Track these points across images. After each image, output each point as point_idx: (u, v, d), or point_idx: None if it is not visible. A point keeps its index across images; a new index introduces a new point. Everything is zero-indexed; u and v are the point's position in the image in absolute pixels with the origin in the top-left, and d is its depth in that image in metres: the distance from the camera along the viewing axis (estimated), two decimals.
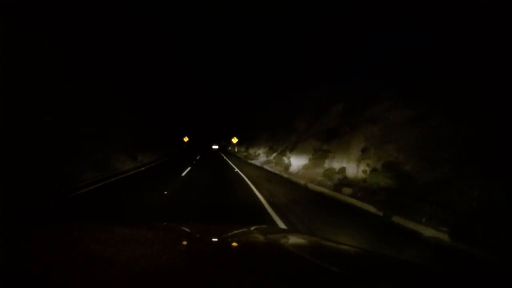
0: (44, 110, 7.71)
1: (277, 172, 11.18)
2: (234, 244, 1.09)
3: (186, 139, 38.52)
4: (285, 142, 14.96)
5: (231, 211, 4.40)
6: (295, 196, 5.89)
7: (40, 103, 7.69)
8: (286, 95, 17.34)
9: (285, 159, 12.75)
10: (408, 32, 7.69)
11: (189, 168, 11.13)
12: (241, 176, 9.19)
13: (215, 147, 60.74)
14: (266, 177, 9.35)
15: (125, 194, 5.79)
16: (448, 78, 5.82)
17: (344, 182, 7.28)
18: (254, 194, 5.89)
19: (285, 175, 10.07)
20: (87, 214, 3.94)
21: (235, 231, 1.29)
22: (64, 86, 9.16)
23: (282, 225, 3.51)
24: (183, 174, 9.13)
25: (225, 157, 21.65)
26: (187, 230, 1.31)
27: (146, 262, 0.72)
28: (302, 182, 8.41)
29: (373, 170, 6.51)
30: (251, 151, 25.67)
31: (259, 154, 21.46)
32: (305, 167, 10.33)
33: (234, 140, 33.46)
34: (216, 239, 1.13)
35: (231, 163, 15.56)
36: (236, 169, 11.62)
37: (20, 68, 7.26)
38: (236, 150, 34.91)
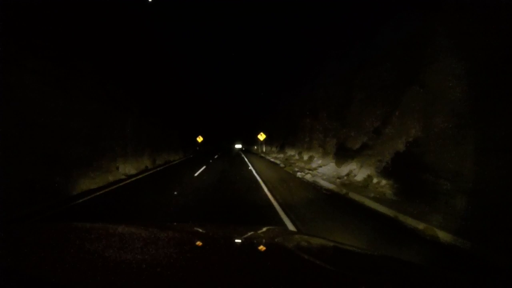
0: None
1: None
2: (239, 245, 1.09)
3: (200, 139, 30.40)
4: (402, 130, 5.53)
5: None
6: None
7: None
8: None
9: None
10: None
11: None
12: None
13: (237, 146, 56.27)
14: None
15: None
16: None
17: None
18: None
19: None
20: None
21: (242, 232, 1.29)
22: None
23: None
24: None
25: (250, 167, 12.54)
26: (194, 230, 1.33)
27: (147, 262, 0.72)
28: None
29: None
30: (291, 151, 16.44)
31: (311, 158, 12.09)
32: None
33: (261, 136, 24.43)
34: (222, 240, 1.13)
35: (270, 198, 6.27)
36: None
37: None
38: (264, 150, 25.93)
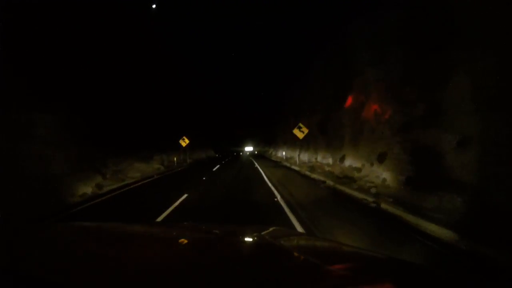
0: None
1: None
2: (241, 244, 1.07)
3: (184, 142, 17.58)
4: None
5: None
6: None
7: None
8: None
9: None
10: None
11: None
12: None
13: (248, 149, 51.65)
14: None
15: None
16: None
17: None
18: None
19: None
20: None
21: (245, 232, 1.25)
22: None
23: None
24: None
25: None
26: (198, 230, 1.29)
27: (147, 262, 0.71)
28: None
29: None
30: None
31: None
32: None
33: (300, 133, 11.52)
34: (225, 240, 1.11)
35: None
36: None
37: None
38: (313, 161, 12.66)
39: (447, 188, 4.10)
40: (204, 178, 8.76)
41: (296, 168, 11.30)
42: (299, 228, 3.32)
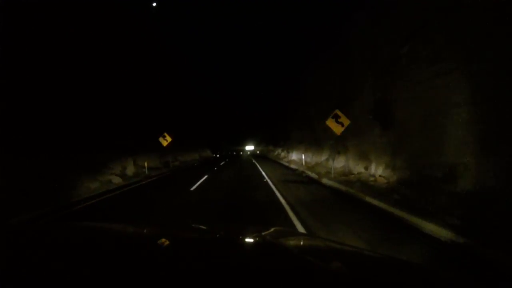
0: None
1: None
2: (242, 245, 1.04)
3: (165, 140, 12.93)
4: None
5: None
6: None
7: None
8: None
9: None
10: None
11: None
12: None
13: (249, 148, 50.40)
14: None
15: None
16: None
17: None
18: None
19: None
20: None
21: (246, 232, 1.24)
22: None
23: None
24: None
25: None
26: (198, 230, 1.28)
27: (146, 262, 0.69)
28: None
29: None
30: None
31: None
32: None
33: (337, 125, 6.76)
34: (226, 240, 1.09)
35: None
36: None
37: None
38: (361, 171, 7.87)
39: None
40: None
41: (340, 186, 6.60)
42: None
